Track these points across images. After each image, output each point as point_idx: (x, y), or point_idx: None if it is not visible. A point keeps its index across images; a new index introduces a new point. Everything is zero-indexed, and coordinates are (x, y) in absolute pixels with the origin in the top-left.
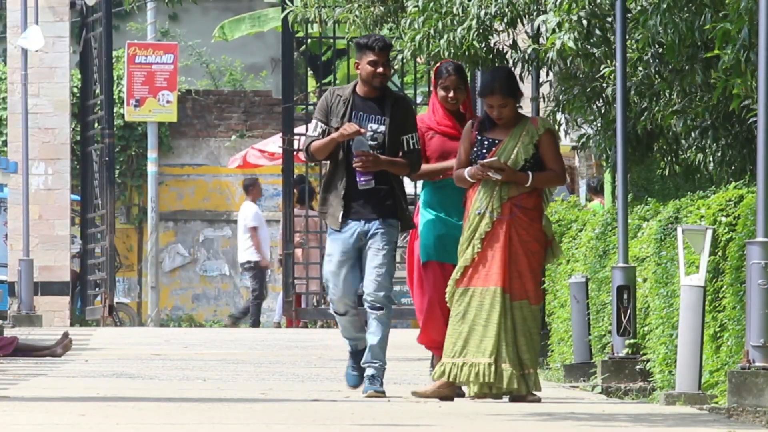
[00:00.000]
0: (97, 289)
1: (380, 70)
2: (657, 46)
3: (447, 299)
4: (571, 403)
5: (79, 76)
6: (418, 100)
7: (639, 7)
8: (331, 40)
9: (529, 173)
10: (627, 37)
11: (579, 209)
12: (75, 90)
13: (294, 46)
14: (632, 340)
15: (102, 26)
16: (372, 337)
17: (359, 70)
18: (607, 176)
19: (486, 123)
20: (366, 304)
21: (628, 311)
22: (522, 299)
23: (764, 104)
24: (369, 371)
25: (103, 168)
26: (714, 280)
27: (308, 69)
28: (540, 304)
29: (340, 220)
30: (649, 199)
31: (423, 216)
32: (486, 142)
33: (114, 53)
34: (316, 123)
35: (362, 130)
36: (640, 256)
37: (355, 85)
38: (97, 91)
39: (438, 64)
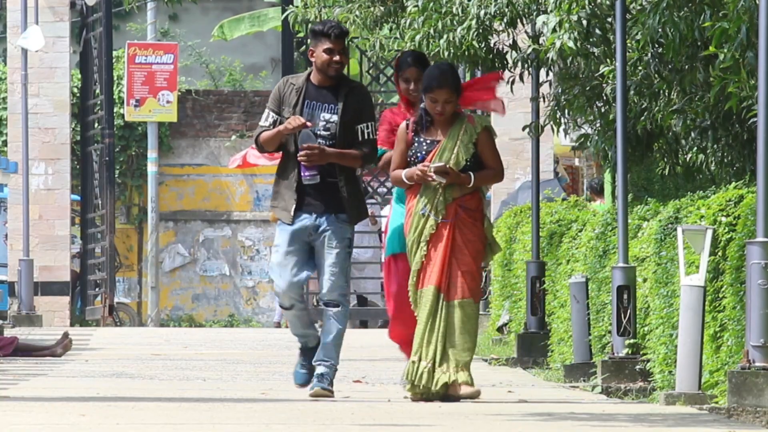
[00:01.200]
0: (97, 289)
1: (336, 58)
2: (657, 46)
3: (411, 303)
4: (571, 403)
5: (79, 76)
6: None
7: (639, 7)
8: None
9: (471, 174)
10: (627, 36)
11: (580, 209)
12: (75, 90)
13: (294, 46)
14: (632, 340)
15: (102, 26)
16: (326, 335)
17: (314, 58)
18: (607, 176)
19: (422, 123)
20: (321, 302)
21: (628, 311)
22: (465, 298)
23: (764, 104)
24: (320, 369)
25: (103, 168)
26: (714, 280)
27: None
28: (479, 301)
29: (292, 213)
30: (649, 199)
31: (394, 210)
32: (424, 144)
33: (114, 53)
34: (268, 112)
35: (308, 123)
36: (640, 256)
37: (309, 74)
38: (97, 91)
39: (399, 56)
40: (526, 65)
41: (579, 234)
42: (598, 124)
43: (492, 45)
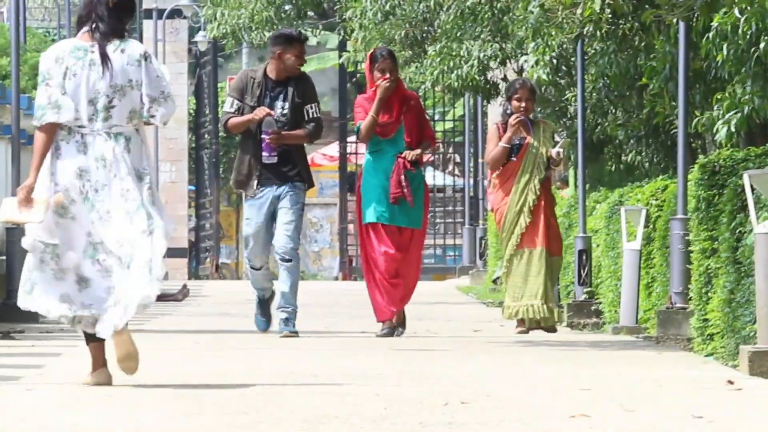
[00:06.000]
0: (206, 253)
1: (302, 60)
2: (606, 78)
3: (507, 259)
4: (544, 333)
5: (194, 101)
6: (437, 117)
7: (593, 50)
8: None
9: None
10: (584, 71)
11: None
12: (191, 111)
13: (347, 79)
14: (589, 289)
15: (210, 65)
16: (283, 285)
17: (280, 59)
18: (571, 172)
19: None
20: (277, 257)
21: (586, 268)
22: (559, 255)
23: (682, 120)
24: (283, 315)
25: (211, 166)
26: (647, 246)
27: (357, 95)
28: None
29: (255, 188)
30: (601, 188)
31: (366, 179)
32: (516, 139)
33: (219, 84)
34: (232, 101)
35: (271, 113)
36: (595, 229)
37: (265, 69)
38: (207, 111)
39: (372, 51)
40: None
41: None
42: (564, 135)
43: (488, 78)
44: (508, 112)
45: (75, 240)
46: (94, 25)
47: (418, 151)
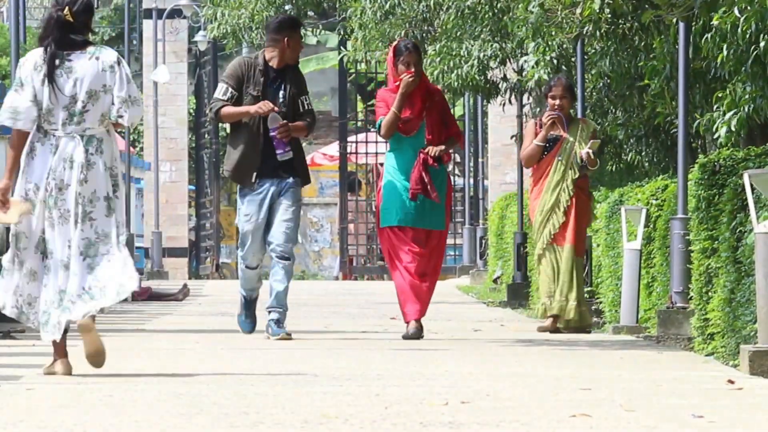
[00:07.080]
0: (207, 253)
1: (294, 52)
2: (606, 78)
3: (537, 256)
4: (545, 333)
5: (194, 100)
6: None
7: (593, 50)
8: (373, 74)
9: (597, 160)
10: (585, 71)
11: None
12: (191, 111)
13: (347, 79)
14: (589, 288)
15: (210, 65)
16: (278, 284)
17: (289, 47)
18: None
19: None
20: (274, 254)
21: (587, 267)
22: (581, 256)
23: (682, 120)
24: (274, 315)
25: (211, 166)
26: (647, 245)
27: (357, 95)
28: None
29: (254, 180)
30: (601, 187)
31: (387, 181)
32: (550, 136)
33: None
34: (226, 88)
35: (275, 107)
36: (595, 228)
37: (265, 56)
38: (207, 111)
39: (396, 44)
40: (513, 92)
41: None
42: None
43: (488, 77)
44: (547, 108)
45: (31, 237)
46: (47, 43)
47: (442, 147)
